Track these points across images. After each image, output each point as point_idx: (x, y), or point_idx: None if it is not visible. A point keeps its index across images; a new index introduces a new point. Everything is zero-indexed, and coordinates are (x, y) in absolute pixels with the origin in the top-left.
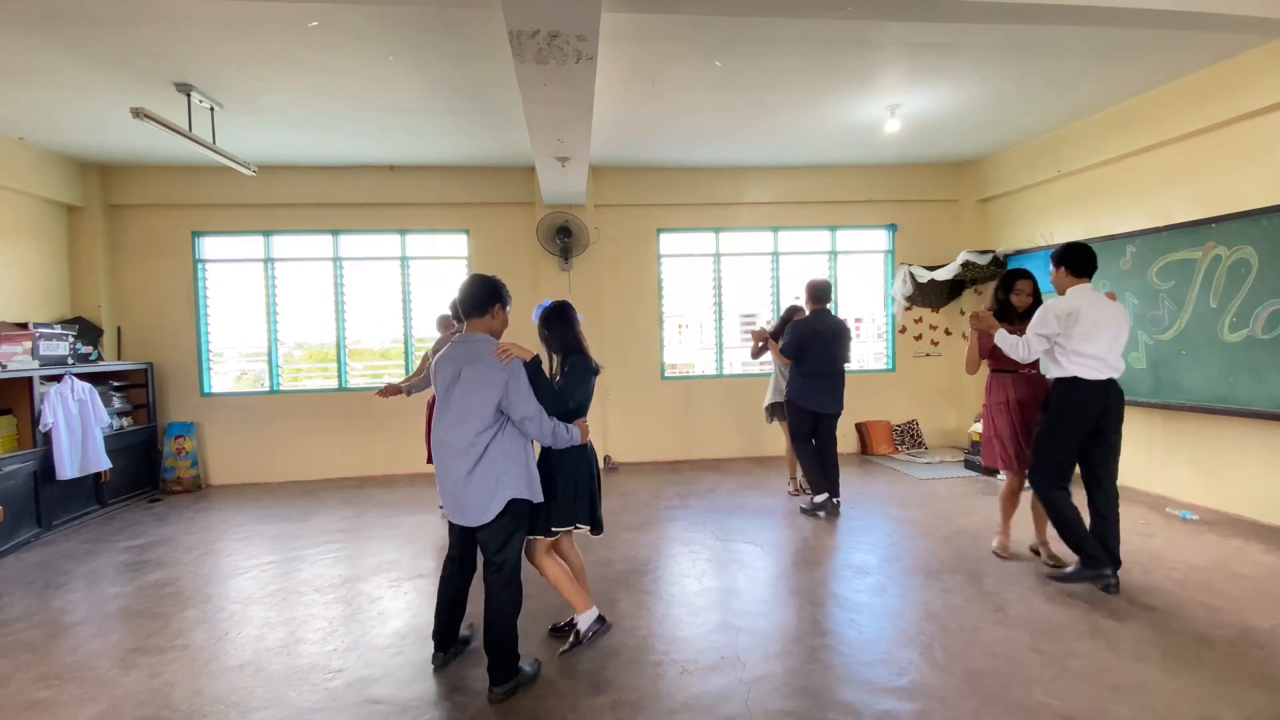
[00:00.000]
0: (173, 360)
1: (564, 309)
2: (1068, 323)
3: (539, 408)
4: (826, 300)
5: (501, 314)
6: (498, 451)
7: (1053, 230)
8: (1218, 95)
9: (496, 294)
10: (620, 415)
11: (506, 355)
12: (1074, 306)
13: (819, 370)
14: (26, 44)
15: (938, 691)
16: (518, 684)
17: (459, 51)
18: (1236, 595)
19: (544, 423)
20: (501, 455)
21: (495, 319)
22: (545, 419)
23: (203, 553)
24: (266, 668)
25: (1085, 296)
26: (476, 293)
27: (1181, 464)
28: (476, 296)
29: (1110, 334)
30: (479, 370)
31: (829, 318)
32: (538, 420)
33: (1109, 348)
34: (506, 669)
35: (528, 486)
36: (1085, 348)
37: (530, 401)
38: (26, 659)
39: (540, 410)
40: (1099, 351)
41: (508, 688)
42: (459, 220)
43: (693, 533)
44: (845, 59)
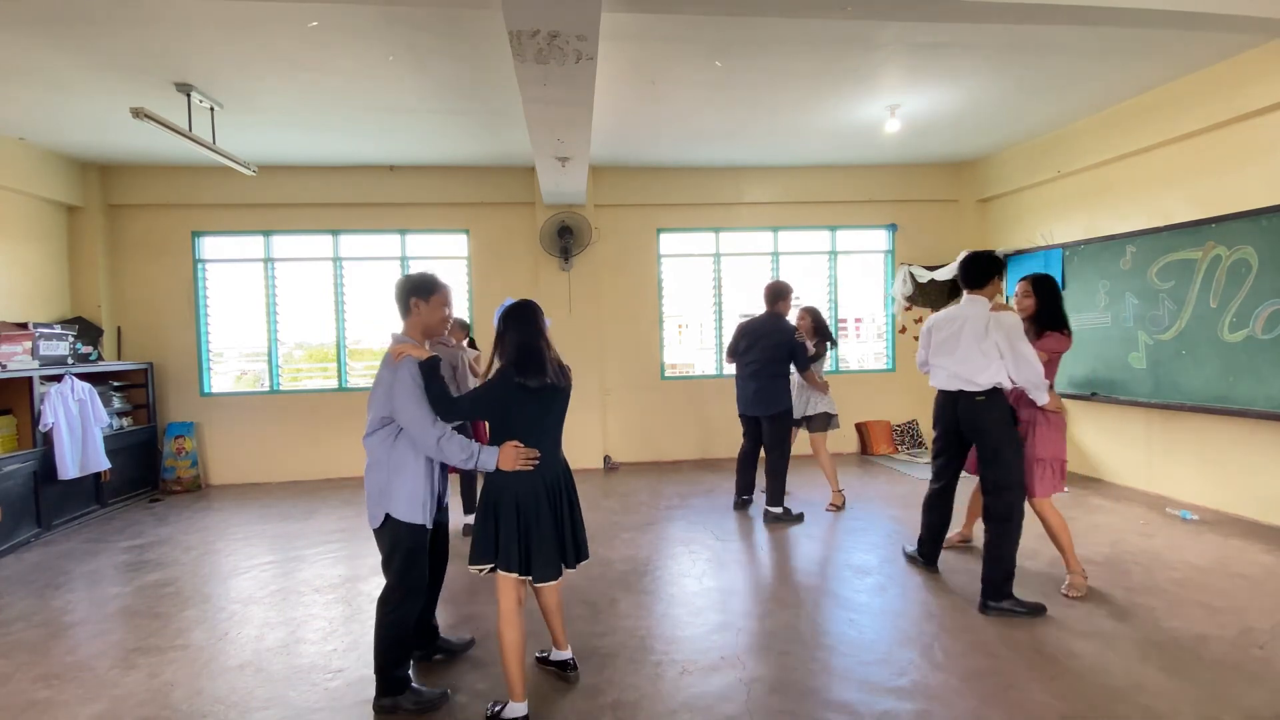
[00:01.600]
0: (173, 360)
1: (519, 311)
2: (926, 337)
3: (421, 415)
4: (773, 303)
5: (424, 306)
6: (385, 458)
7: (1053, 230)
8: (1218, 95)
9: (409, 290)
10: (620, 415)
11: (398, 355)
12: (933, 321)
13: (739, 372)
14: (26, 44)
15: (938, 691)
16: (396, 705)
17: (459, 51)
18: (1236, 595)
19: (426, 432)
20: (388, 464)
21: (420, 313)
22: (428, 428)
23: (202, 553)
24: (266, 668)
25: (951, 310)
26: (396, 299)
27: (1181, 464)
28: (397, 298)
29: (964, 347)
30: (380, 370)
31: (762, 319)
32: (418, 428)
33: (959, 361)
34: (382, 682)
35: (407, 507)
36: (938, 359)
37: (409, 406)
38: (26, 659)
39: (423, 418)
40: (949, 364)
41: (382, 701)
42: (459, 220)
43: (693, 533)
44: (845, 59)
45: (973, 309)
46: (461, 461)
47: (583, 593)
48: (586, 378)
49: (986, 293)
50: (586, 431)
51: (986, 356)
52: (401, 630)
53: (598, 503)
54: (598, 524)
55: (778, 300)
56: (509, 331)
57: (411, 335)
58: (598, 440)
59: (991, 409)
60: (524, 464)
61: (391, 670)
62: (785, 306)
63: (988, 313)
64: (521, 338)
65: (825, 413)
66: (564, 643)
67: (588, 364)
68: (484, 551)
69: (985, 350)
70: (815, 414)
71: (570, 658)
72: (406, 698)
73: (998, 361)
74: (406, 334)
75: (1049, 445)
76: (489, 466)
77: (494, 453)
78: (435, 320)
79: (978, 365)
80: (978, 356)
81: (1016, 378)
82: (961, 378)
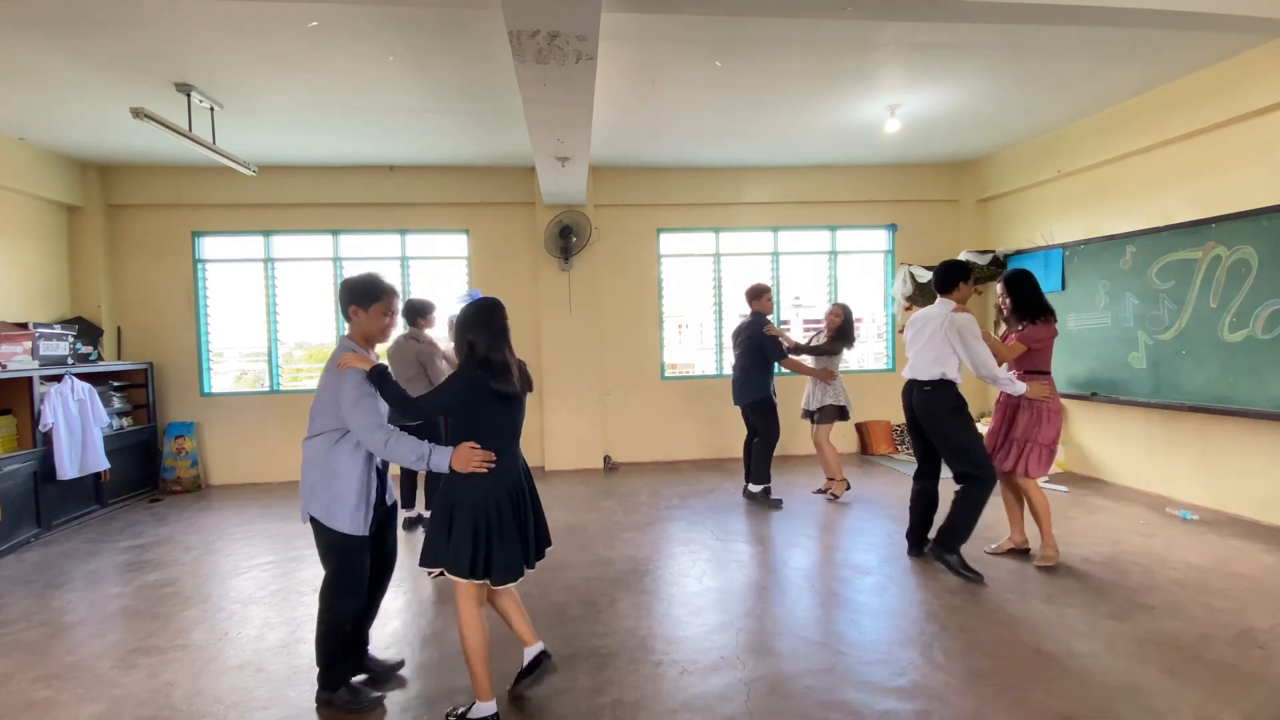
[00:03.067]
0: (173, 360)
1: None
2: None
3: (368, 419)
4: (752, 301)
5: (362, 315)
6: (320, 460)
7: (1053, 230)
8: (1218, 95)
9: (345, 300)
10: (620, 415)
11: (342, 366)
12: (910, 320)
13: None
14: (26, 44)
15: (938, 691)
16: (330, 700)
17: (459, 51)
18: (1236, 595)
19: (374, 434)
20: (323, 467)
21: (359, 321)
22: (375, 431)
23: (202, 553)
24: (266, 668)
25: (924, 310)
26: (338, 300)
27: (1181, 464)
28: (339, 304)
29: (924, 343)
30: (323, 374)
31: (747, 319)
32: (365, 431)
33: (918, 354)
34: (321, 679)
35: (326, 511)
36: (909, 354)
37: (355, 412)
38: (26, 659)
39: (369, 422)
40: (910, 357)
41: (320, 696)
42: (459, 220)
43: (693, 533)
44: (845, 59)
45: (939, 310)
46: (412, 463)
47: (583, 593)
48: (586, 377)
49: (953, 296)
50: (586, 431)
51: (940, 352)
52: (336, 627)
53: (598, 503)
54: (598, 524)
55: (754, 300)
56: (475, 336)
57: (354, 340)
58: (598, 440)
59: (935, 398)
60: (479, 466)
61: (328, 665)
62: (763, 305)
63: (948, 314)
64: (490, 345)
65: (833, 405)
66: (531, 636)
67: (588, 364)
68: (435, 555)
69: (940, 346)
70: (822, 407)
71: (542, 648)
72: (340, 695)
73: (950, 358)
74: (351, 339)
75: (1029, 428)
76: (441, 467)
77: (447, 453)
78: (375, 329)
79: (929, 358)
80: (932, 351)
81: (975, 373)
82: (915, 369)
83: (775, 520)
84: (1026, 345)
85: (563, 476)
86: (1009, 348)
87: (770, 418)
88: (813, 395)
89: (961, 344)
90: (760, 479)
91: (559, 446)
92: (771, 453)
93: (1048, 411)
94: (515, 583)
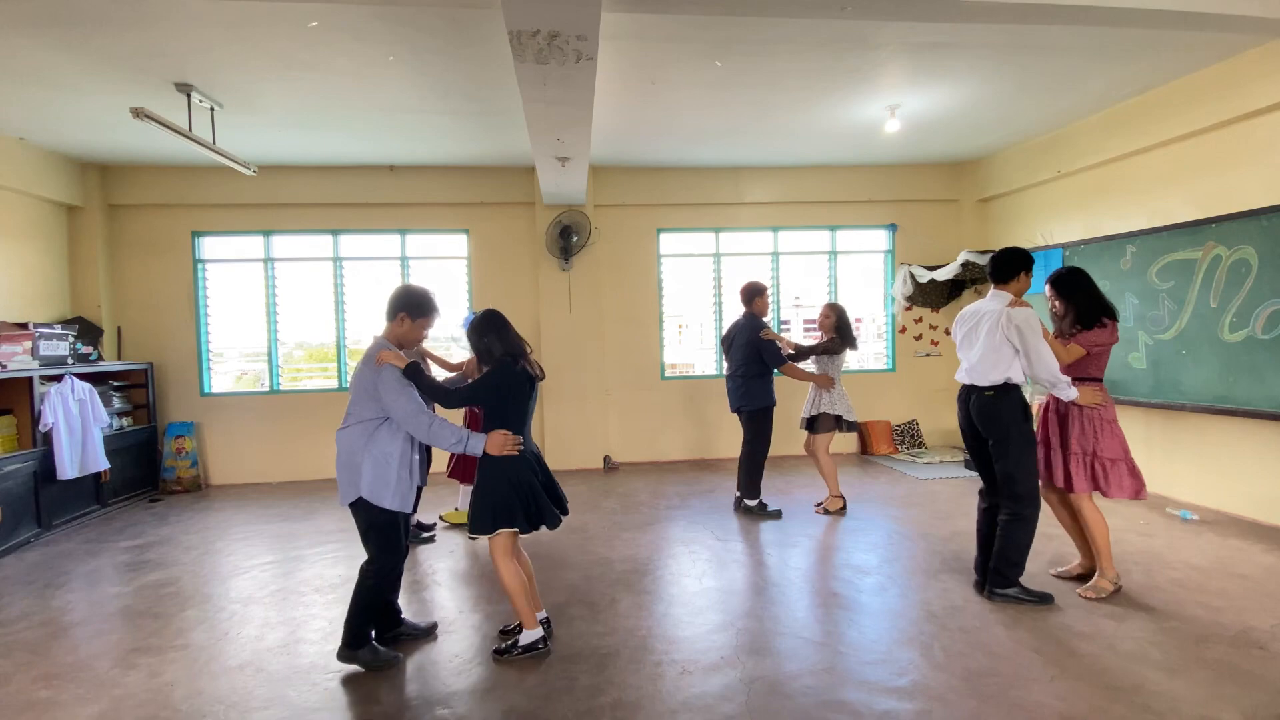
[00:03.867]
0: (173, 360)
1: (493, 319)
2: (954, 333)
3: (412, 407)
4: (747, 303)
5: (408, 323)
6: (362, 448)
7: (1052, 230)
8: (1218, 95)
9: (399, 305)
10: (620, 415)
11: (380, 361)
12: (959, 316)
13: (727, 370)
14: (26, 44)
15: (938, 691)
16: (353, 658)
17: (459, 51)
18: (1236, 595)
19: (419, 419)
20: (364, 451)
21: (402, 326)
22: (420, 416)
23: (203, 553)
24: (266, 668)
25: (975, 305)
26: (388, 303)
27: (1181, 464)
28: (388, 304)
29: (980, 342)
30: (360, 368)
31: (741, 320)
32: (411, 418)
33: (974, 355)
34: (348, 637)
35: (370, 490)
36: (961, 354)
37: (400, 401)
38: (26, 659)
39: (414, 409)
40: (966, 359)
41: (344, 653)
42: (459, 220)
43: (693, 533)
44: (845, 59)
45: (993, 304)
46: (451, 445)
47: (583, 593)
48: (586, 377)
49: (1010, 288)
50: (586, 431)
51: (998, 352)
52: (377, 596)
53: (598, 503)
54: (598, 524)
55: (751, 300)
56: (491, 337)
57: (388, 340)
58: (598, 440)
59: (999, 405)
60: (510, 449)
61: (360, 626)
62: (758, 306)
63: (1004, 308)
64: (507, 339)
65: (829, 414)
66: (538, 604)
67: (588, 364)
68: (482, 524)
69: (998, 346)
70: (819, 414)
71: (544, 615)
72: (365, 652)
73: (1010, 358)
74: (385, 338)
75: (1086, 440)
76: (477, 451)
77: (482, 439)
78: (413, 337)
79: (989, 361)
80: (990, 352)
81: (1032, 374)
82: (974, 373)
83: (775, 521)
84: (1087, 349)
85: (563, 476)
86: (1068, 350)
87: (765, 428)
88: (811, 403)
89: (1023, 343)
90: (752, 493)
91: (559, 446)
92: (760, 466)
93: (1102, 421)
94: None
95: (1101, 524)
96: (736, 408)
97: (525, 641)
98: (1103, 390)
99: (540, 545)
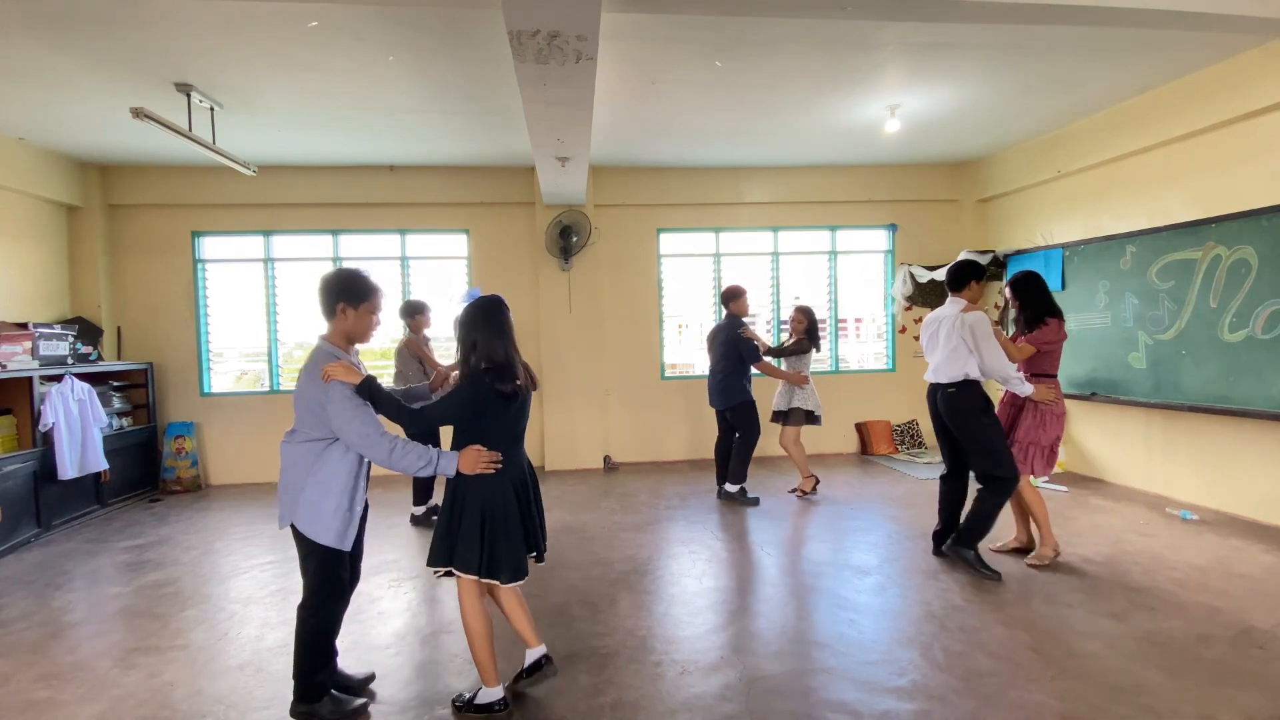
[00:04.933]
0: (173, 360)
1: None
2: (922, 335)
3: (367, 431)
4: (727, 304)
5: (352, 314)
6: (303, 465)
7: (1052, 230)
8: (1218, 95)
9: (337, 293)
10: (620, 415)
11: (326, 378)
12: (925, 321)
13: (709, 370)
14: (26, 44)
15: (938, 691)
16: (312, 712)
17: (459, 52)
18: (1236, 595)
19: (377, 446)
20: (304, 473)
21: (346, 319)
22: (379, 441)
23: (203, 553)
24: (266, 668)
25: (936, 311)
26: (320, 298)
27: (1181, 464)
28: (321, 300)
29: (941, 344)
30: (303, 381)
31: (722, 322)
32: (368, 444)
33: (936, 356)
34: (300, 691)
35: (310, 524)
36: (927, 356)
37: (353, 425)
38: (26, 659)
39: (370, 434)
40: (931, 360)
41: (299, 708)
42: (459, 220)
43: (693, 533)
44: (845, 59)
45: (950, 309)
46: (419, 470)
47: (583, 593)
48: (587, 377)
49: (964, 295)
50: (586, 431)
51: (956, 352)
52: (321, 635)
53: (597, 503)
54: (598, 524)
55: (730, 303)
56: (478, 335)
57: (334, 341)
58: (598, 440)
59: (960, 399)
60: (485, 467)
61: (310, 676)
62: (739, 307)
63: (958, 313)
64: (492, 343)
65: (801, 409)
66: (534, 639)
67: (588, 364)
68: (443, 554)
69: (955, 346)
70: (791, 409)
71: (544, 653)
72: (324, 704)
73: (967, 356)
74: (330, 339)
75: (1031, 431)
76: (449, 472)
77: (453, 458)
78: (361, 330)
79: (949, 360)
80: (950, 352)
81: (984, 370)
82: (938, 372)
83: (775, 521)
84: (1036, 347)
85: (563, 476)
86: (1019, 349)
87: (752, 419)
88: (783, 398)
89: (975, 344)
90: (737, 478)
91: (559, 446)
92: (751, 453)
93: (1051, 415)
94: (521, 582)
95: (1040, 502)
96: (715, 404)
97: (481, 701)
98: (1056, 387)
99: None
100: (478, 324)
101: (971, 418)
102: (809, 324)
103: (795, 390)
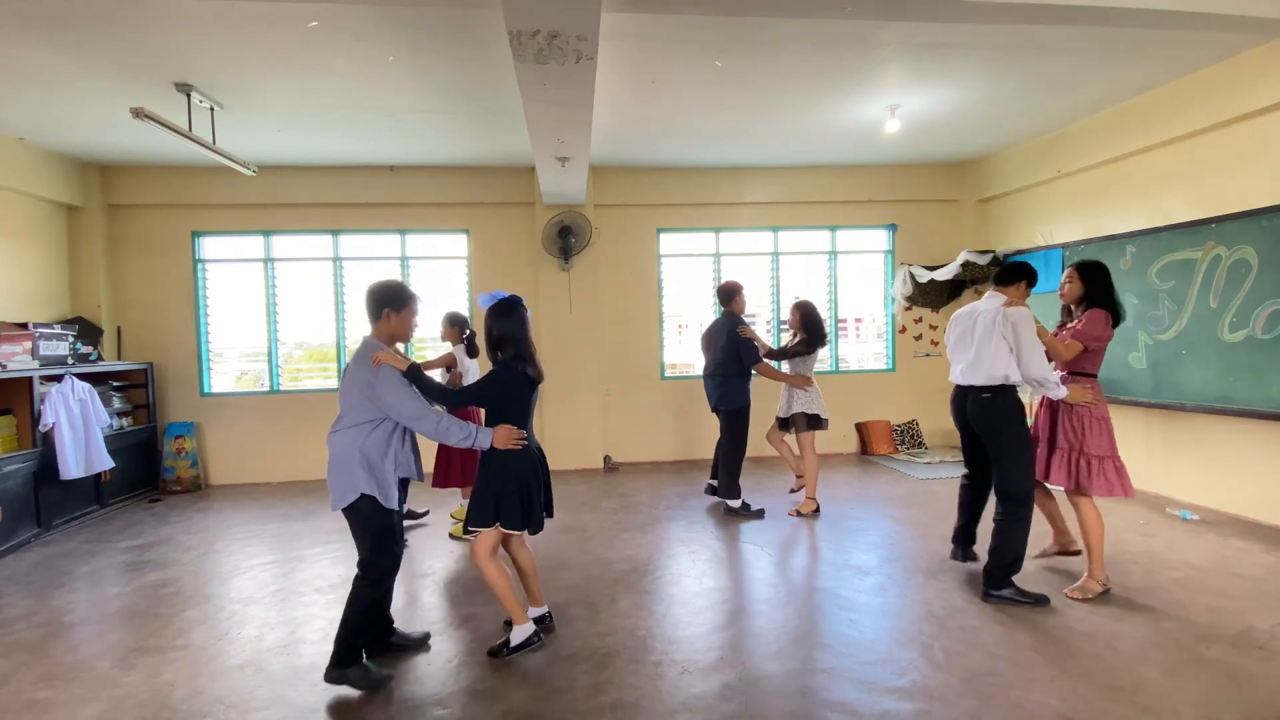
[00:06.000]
0: (173, 360)
1: (513, 309)
2: (948, 333)
3: (418, 407)
4: (725, 303)
5: (395, 317)
6: (355, 447)
7: (1052, 230)
8: (1218, 95)
9: (383, 299)
10: (620, 415)
11: (377, 363)
12: (953, 317)
13: (705, 370)
14: (27, 44)
15: (938, 691)
16: (342, 678)
17: (459, 52)
18: (1236, 595)
19: (427, 419)
20: (359, 452)
21: (390, 323)
22: (428, 415)
23: (203, 553)
24: (266, 668)
25: (970, 305)
26: (367, 304)
27: (1181, 464)
28: (368, 307)
29: (976, 343)
30: (353, 369)
31: (719, 320)
32: (419, 418)
33: (969, 355)
34: (338, 655)
35: (384, 494)
36: (954, 355)
37: (405, 402)
38: (26, 659)
39: (420, 410)
40: (962, 360)
41: (332, 673)
42: (459, 220)
43: (693, 533)
44: (845, 59)
45: (988, 304)
46: (460, 440)
47: (583, 593)
48: (587, 377)
49: (1009, 292)
50: (586, 431)
51: (996, 351)
52: (371, 605)
53: (598, 503)
54: (598, 524)
55: (730, 299)
56: (509, 328)
57: (380, 338)
58: (598, 440)
59: (995, 406)
60: (515, 444)
61: (353, 640)
62: (737, 305)
63: (999, 306)
64: (521, 336)
65: (804, 413)
66: (539, 599)
67: (588, 364)
68: (488, 515)
69: (995, 345)
70: (793, 414)
71: (547, 611)
72: (355, 671)
73: (1006, 357)
74: (376, 337)
75: (1074, 437)
76: (485, 444)
77: (489, 433)
78: (404, 330)
79: (987, 360)
80: (987, 352)
81: (1022, 371)
82: (971, 374)
83: (774, 521)
84: (1084, 345)
85: (563, 476)
86: (1066, 346)
87: (740, 428)
88: (786, 402)
89: (1017, 340)
90: (731, 494)
91: (559, 446)
92: (739, 466)
93: (1092, 418)
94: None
95: (1098, 525)
96: (715, 407)
97: (517, 640)
98: (1096, 388)
99: (540, 545)
100: (508, 322)
101: (1006, 427)
102: (808, 320)
103: (796, 394)
